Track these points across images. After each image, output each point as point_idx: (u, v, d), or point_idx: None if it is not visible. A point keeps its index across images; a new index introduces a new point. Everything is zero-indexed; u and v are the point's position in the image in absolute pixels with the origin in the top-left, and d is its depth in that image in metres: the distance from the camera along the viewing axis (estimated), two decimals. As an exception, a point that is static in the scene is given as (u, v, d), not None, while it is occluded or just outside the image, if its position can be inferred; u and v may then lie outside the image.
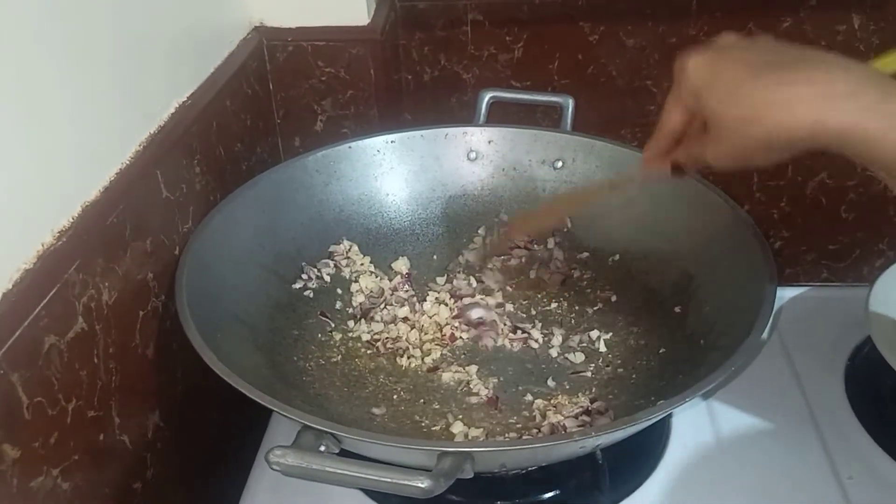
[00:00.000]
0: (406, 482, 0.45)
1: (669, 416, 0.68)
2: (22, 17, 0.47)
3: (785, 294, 0.82)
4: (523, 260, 0.78)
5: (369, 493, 0.63)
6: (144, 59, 0.61)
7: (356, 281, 0.76)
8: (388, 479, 0.46)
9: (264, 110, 0.83)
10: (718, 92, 0.47)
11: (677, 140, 0.53)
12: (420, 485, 0.45)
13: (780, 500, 0.62)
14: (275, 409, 0.51)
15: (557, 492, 0.62)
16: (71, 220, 0.51)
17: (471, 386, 0.67)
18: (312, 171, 0.76)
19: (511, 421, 0.64)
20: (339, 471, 0.47)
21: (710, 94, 0.47)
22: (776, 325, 0.78)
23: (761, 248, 0.62)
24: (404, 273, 0.78)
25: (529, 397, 0.66)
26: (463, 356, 0.71)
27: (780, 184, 0.98)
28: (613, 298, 0.74)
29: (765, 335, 0.74)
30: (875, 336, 0.67)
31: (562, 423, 0.62)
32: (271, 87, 0.84)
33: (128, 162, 0.58)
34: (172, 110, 0.65)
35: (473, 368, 0.69)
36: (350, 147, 0.78)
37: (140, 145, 0.60)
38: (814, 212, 0.99)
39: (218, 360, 0.53)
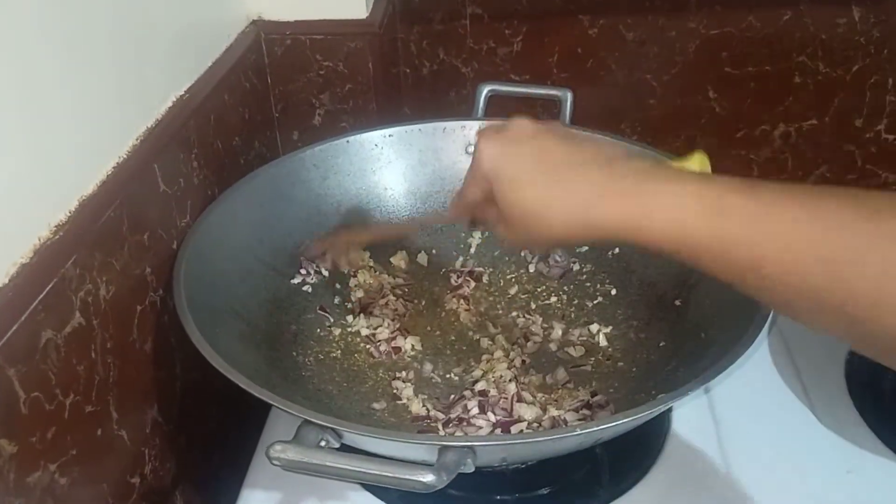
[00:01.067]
0: (409, 477, 0.45)
1: (669, 409, 0.68)
2: (21, 12, 0.46)
3: (785, 288, 0.81)
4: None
5: (369, 487, 0.63)
6: (142, 52, 0.61)
7: (355, 276, 0.76)
8: (390, 474, 0.46)
9: (262, 104, 0.82)
10: (504, 185, 0.49)
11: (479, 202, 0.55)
12: (423, 479, 0.45)
13: (780, 493, 0.61)
14: (275, 403, 0.51)
15: (558, 486, 0.62)
16: (68, 214, 0.51)
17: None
18: (310, 165, 0.76)
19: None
20: (340, 466, 0.46)
21: (497, 184, 0.50)
22: (777, 319, 0.78)
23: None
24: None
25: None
26: (462, 351, 0.71)
27: (780, 177, 0.98)
28: (613, 292, 0.74)
29: (765, 328, 0.74)
30: (876, 329, 0.66)
31: (562, 417, 0.61)
32: (269, 80, 0.83)
33: (125, 156, 0.58)
34: (170, 104, 0.65)
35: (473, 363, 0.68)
36: (348, 141, 0.77)
37: (137, 139, 0.60)
38: (814, 206, 0.98)
39: (217, 354, 0.53)
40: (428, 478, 0.44)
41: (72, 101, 0.52)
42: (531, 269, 0.77)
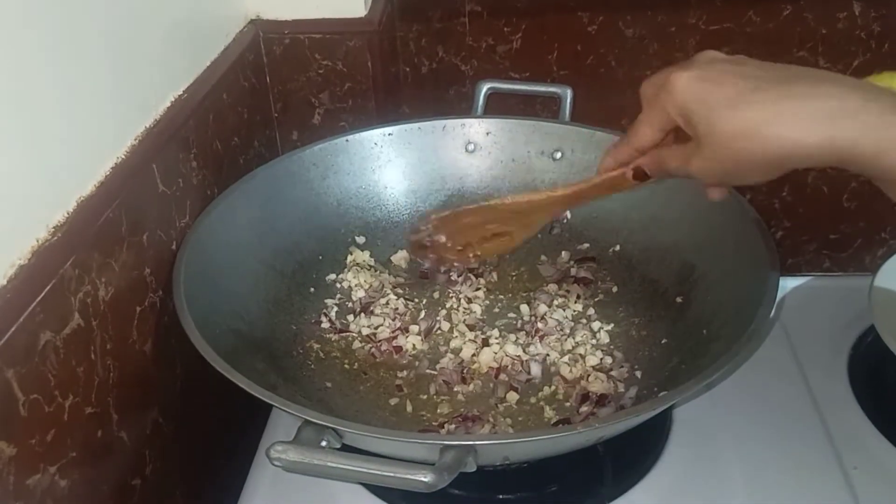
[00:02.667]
0: (409, 476, 0.45)
1: (671, 406, 0.67)
2: (15, 12, 0.46)
3: (787, 284, 0.81)
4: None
5: (370, 487, 0.62)
6: (140, 52, 0.61)
7: (355, 275, 0.75)
8: (391, 474, 0.46)
9: (262, 103, 0.82)
10: (715, 105, 0.45)
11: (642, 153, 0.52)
12: (423, 479, 0.45)
13: (783, 491, 0.61)
14: (275, 404, 0.50)
15: (560, 485, 0.62)
16: (66, 215, 0.51)
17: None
18: (310, 164, 0.75)
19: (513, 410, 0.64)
20: (342, 466, 0.46)
21: (704, 109, 0.46)
22: (779, 316, 0.78)
23: (763, 237, 0.62)
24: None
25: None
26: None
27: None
28: (615, 289, 0.74)
29: (770, 324, 0.74)
30: (878, 325, 0.66)
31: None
32: (268, 80, 0.83)
33: (123, 156, 0.57)
34: (168, 104, 0.64)
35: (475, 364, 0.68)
36: (347, 140, 0.77)
37: (136, 139, 0.59)
38: (815, 201, 0.98)
39: (217, 355, 0.53)
40: (429, 477, 0.44)
41: (68, 101, 0.52)
42: (541, 269, 0.77)
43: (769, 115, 0.43)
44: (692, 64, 0.48)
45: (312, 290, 0.73)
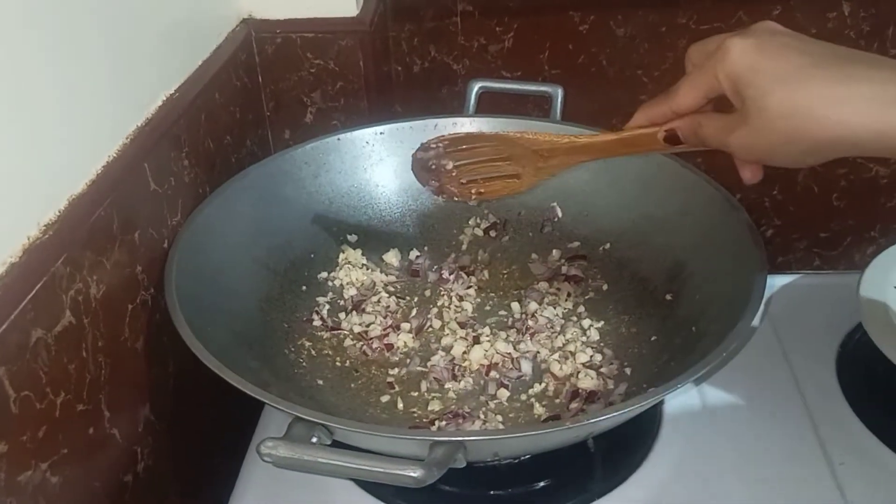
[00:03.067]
0: (398, 472, 0.45)
1: (661, 403, 0.68)
2: (7, 11, 0.46)
3: (776, 281, 0.82)
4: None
5: (362, 484, 0.63)
6: (131, 51, 0.61)
7: (347, 273, 0.76)
8: (381, 470, 0.46)
9: (254, 103, 0.82)
10: (769, 79, 0.44)
11: (678, 115, 0.51)
12: (412, 474, 0.45)
13: (772, 486, 0.62)
14: (266, 401, 0.51)
15: (550, 481, 0.62)
16: (57, 213, 0.51)
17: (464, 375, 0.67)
18: (301, 163, 0.76)
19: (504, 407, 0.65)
20: (331, 461, 0.47)
21: (757, 80, 0.44)
22: (768, 313, 0.78)
23: (752, 234, 0.63)
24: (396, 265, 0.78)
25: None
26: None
27: (770, 172, 0.98)
28: (605, 287, 0.74)
29: (756, 322, 0.74)
30: (866, 322, 0.67)
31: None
32: (260, 79, 0.83)
33: (115, 155, 0.58)
34: (160, 103, 0.65)
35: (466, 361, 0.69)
36: (339, 139, 0.77)
37: (127, 138, 0.60)
38: (805, 200, 0.99)
39: (208, 353, 0.53)
40: (418, 473, 0.45)
41: (60, 99, 0.52)
42: (532, 267, 0.78)
43: (825, 96, 0.42)
44: (750, 32, 0.46)
45: (304, 288, 0.74)
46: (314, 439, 0.49)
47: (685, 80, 0.50)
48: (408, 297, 0.76)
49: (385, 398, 0.66)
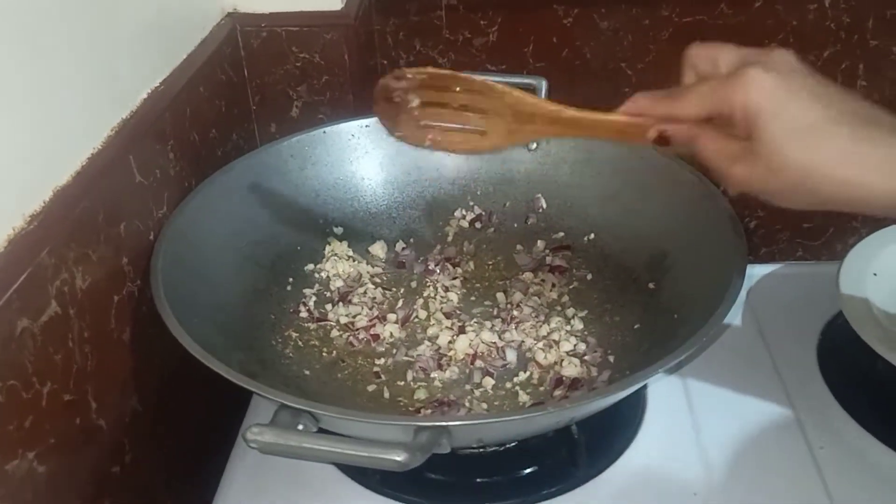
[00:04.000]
0: (382, 456, 0.46)
1: (645, 390, 0.69)
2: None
3: (758, 271, 0.83)
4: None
5: (348, 473, 0.63)
6: (116, 44, 0.61)
7: (333, 265, 0.76)
8: (365, 454, 0.46)
9: (239, 96, 0.83)
10: (791, 126, 0.43)
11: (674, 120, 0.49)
12: (396, 458, 0.45)
13: (753, 470, 0.63)
14: (252, 389, 0.51)
15: (535, 468, 0.63)
16: (42, 204, 0.51)
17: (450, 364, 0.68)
18: (287, 156, 0.76)
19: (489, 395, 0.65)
20: (316, 447, 0.47)
21: (777, 124, 0.43)
22: (749, 302, 0.79)
23: (732, 223, 0.63)
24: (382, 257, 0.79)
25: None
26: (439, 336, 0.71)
27: (754, 163, 0.99)
28: (589, 277, 0.75)
29: (737, 309, 0.75)
30: (846, 309, 0.68)
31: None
32: (246, 73, 0.83)
33: (100, 147, 0.58)
34: (145, 96, 0.65)
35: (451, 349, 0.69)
36: (325, 132, 0.78)
37: (112, 130, 0.60)
38: (788, 190, 1.00)
39: (195, 343, 0.54)
40: (402, 457, 0.45)
41: (44, 91, 0.52)
42: (517, 258, 0.78)
43: (844, 156, 0.42)
44: (771, 65, 0.45)
45: (291, 280, 0.74)
46: (300, 426, 0.49)
47: (693, 91, 0.48)
48: (394, 289, 0.76)
49: (371, 388, 0.66)
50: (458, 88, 0.57)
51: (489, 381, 0.66)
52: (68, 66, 0.55)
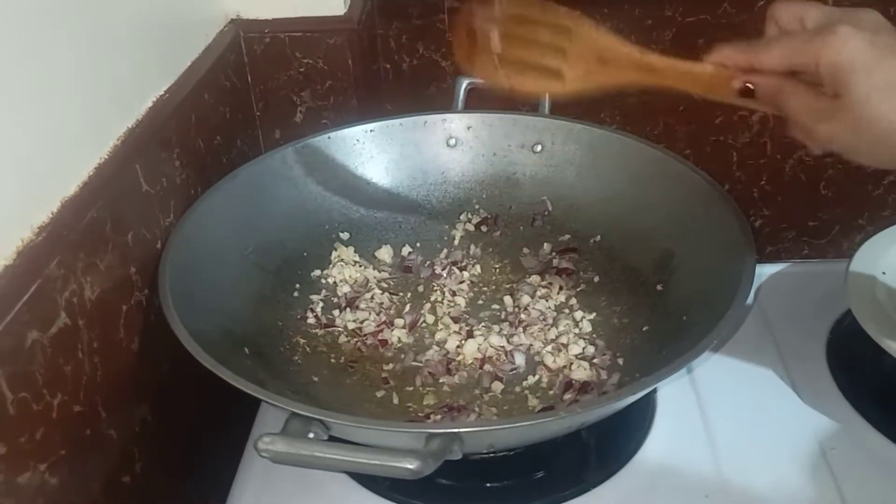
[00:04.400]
0: (395, 464, 0.46)
1: (654, 392, 0.69)
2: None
3: (766, 270, 0.83)
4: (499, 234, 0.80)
5: (358, 479, 0.63)
6: (120, 52, 0.61)
7: (340, 271, 0.76)
8: (377, 462, 0.46)
9: (243, 103, 0.83)
10: (882, 85, 0.43)
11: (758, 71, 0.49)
12: (409, 466, 0.45)
13: (764, 472, 0.62)
14: (263, 398, 0.51)
15: (545, 472, 0.63)
16: (50, 215, 0.51)
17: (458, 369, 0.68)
18: (292, 162, 0.76)
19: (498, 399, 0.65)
20: (328, 455, 0.47)
21: (869, 83, 0.44)
22: (758, 301, 0.79)
23: (740, 223, 0.63)
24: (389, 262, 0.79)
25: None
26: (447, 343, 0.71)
27: (759, 162, 0.99)
28: (596, 279, 0.75)
29: (746, 310, 0.75)
30: (855, 308, 0.67)
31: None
32: (250, 79, 0.83)
33: (106, 157, 0.58)
34: (150, 104, 0.65)
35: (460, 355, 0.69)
36: (329, 137, 0.78)
37: (118, 139, 0.60)
38: (793, 189, 1.00)
39: (204, 352, 0.54)
40: (414, 464, 0.45)
41: (49, 102, 0.52)
42: (523, 261, 0.78)
43: None
44: (861, 23, 0.45)
45: (298, 286, 0.74)
46: (311, 434, 0.49)
47: (779, 42, 0.48)
48: (401, 293, 0.76)
49: (380, 393, 0.66)
50: (544, 21, 0.55)
51: (498, 386, 0.66)
52: (73, 77, 0.55)
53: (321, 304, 0.74)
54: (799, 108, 0.47)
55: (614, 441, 0.65)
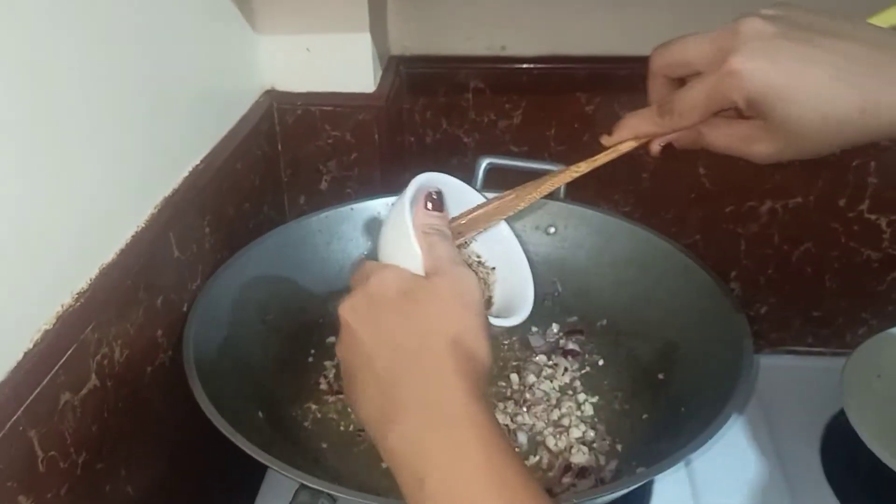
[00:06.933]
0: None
1: (650, 482, 0.70)
2: (54, 85, 0.50)
3: (767, 362, 0.84)
4: None
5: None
6: (163, 125, 0.65)
7: (355, 337, 0.79)
8: (381, 540, 0.48)
9: (273, 170, 0.86)
10: (793, 99, 0.42)
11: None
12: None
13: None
14: (275, 468, 0.53)
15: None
16: (89, 281, 0.54)
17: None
18: (315, 231, 0.79)
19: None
20: (334, 530, 0.49)
21: (781, 104, 0.43)
22: (757, 391, 0.81)
23: (742, 325, 0.65)
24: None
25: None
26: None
27: (766, 252, 1.01)
28: (601, 362, 0.77)
29: (742, 405, 0.77)
30: (848, 409, 0.69)
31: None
32: (280, 147, 0.87)
33: (143, 224, 0.61)
34: (186, 174, 0.68)
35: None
36: (352, 209, 0.81)
37: (155, 208, 0.63)
38: (799, 279, 1.02)
39: (222, 418, 0.56)
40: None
41: (95, 173, 0.55)
42: (531, 339, 0.80)
43: (864, 104, 0.41)
44: (749, 45, 0.43)
45: (313, 351, 0.77)
46: (319, 505, 0.51)
47: (686, 100, 0.46)
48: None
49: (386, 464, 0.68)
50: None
51: (500, 463, 0.68)
52: (119, 149, 0.58)
53: (334, 371, 0.76)
54: (728, 141, 0.47)
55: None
